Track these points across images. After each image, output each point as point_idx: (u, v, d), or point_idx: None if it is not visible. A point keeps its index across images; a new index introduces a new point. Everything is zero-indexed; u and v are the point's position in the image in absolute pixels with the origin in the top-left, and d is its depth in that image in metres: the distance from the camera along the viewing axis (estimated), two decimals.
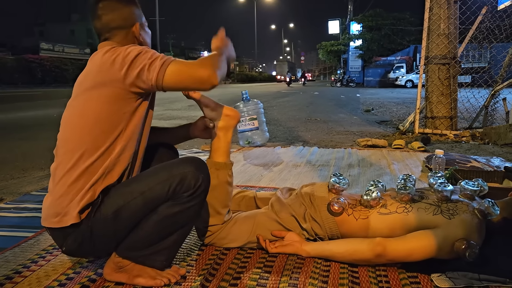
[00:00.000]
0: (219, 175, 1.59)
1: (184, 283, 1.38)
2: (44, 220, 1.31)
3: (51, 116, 7.52)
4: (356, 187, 2.65)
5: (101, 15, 1.38)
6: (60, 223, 1.26)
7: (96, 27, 1.40)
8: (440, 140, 4.70)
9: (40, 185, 2.74)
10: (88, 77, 1.31)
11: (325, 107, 10.40)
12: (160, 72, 1.24)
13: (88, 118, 1.27)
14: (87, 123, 1.27)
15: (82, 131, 1.28)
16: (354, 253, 1.45)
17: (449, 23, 4.95)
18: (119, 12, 1.39)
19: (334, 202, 1.55)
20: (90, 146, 1.26)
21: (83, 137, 1.27)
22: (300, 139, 4.94)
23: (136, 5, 1.45)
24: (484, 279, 1.35)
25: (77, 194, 1.25)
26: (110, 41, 1.39)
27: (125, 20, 1.40)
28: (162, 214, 1.30)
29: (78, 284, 1.37)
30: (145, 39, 1.48)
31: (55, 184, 1.29)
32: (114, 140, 1.29)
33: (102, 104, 1.26)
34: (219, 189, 1.59)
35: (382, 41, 32.10)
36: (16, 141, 4.85)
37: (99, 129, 1.27)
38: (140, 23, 1.44)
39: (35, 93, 16.08)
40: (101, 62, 1.28)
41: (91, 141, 1.27)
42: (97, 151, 1.27)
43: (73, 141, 1.28)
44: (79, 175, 1.26)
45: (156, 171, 1.32)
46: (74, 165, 1.26)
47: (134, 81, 1.25)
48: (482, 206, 1.40)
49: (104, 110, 1.27)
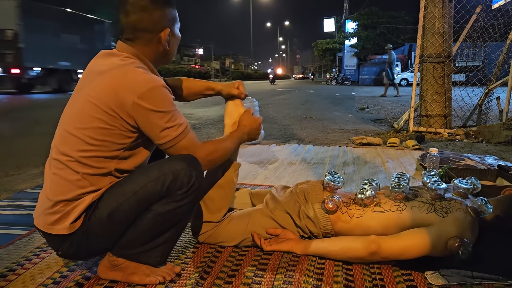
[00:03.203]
0: (227, 174, 1.62)
1: (179, 280, 1.38)
2: (37, 222, 1.31)
3: (46, 113, 7.48)
4: (351, 185, 2.66)
5: (129, 12, 1.30)
6: (51, 231, 1.26)
7: (121, 22, 1.33)
8: (434, 138, 4.73)
9: (34, 183, 2.73)
10: (99, 82, 1.27)
11: (320, 105, 10.41)
12: (170, 143, 1.29)
13: (86, 130, 1.25)
14: (87, 141, 1.25)
15: (78, 140, 1.25)
16: (348, 251, 1.46)
17: (444, 21, 4.97)
18: (149, 14, 1.31)
19: (329, 200, 1.55)
20: (85, 157, 1.25)
21: (78, 146, 1.25)
22: (295, 137, 4.95)
23: (171, 6, 1.36)
24: (477, 276, 1.36)
25: (71, 208, 1.25)
26: (131, 43, 1.34)
27: (154, 24, 1.33)
28: (155, 213, 1.29)
29: (73, 282, 1.36)
30: (172, 47, 1.42)
31: (46, 193, 1.28)
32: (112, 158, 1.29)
33: (100, 124, 1.24)
34: (225, 187, 1.61)
35: (377, 40, 32.11)
36: (11, 138, 4.82)
37: (100, 149, 1.26)
38: (170, 28, 1.37)
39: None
40: (116, 82, 1.24)
41: (90, 159, 1.25)
42: (94, 165, 1.26)
43: (68, 146, 1.26)
44: (72, 184, 1.25)
45: (148, 169, 1.30)
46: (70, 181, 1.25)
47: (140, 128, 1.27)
48: (475, 204, 1.41)
49: (105, 133, 1.25)
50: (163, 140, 1.28)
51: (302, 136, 5.08)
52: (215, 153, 1.41)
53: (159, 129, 1.26)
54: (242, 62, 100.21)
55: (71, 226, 1.25)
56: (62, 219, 1.25)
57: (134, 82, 1.24)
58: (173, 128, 1.28)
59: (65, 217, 1.25)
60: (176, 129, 1.29)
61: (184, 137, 1.31)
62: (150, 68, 1.37)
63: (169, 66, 35.94)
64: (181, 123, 1.30)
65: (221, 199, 1.62)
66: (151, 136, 1.29)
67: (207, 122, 6.48)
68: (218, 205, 1.61)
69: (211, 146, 1.41)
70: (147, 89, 1.23)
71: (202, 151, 1.36)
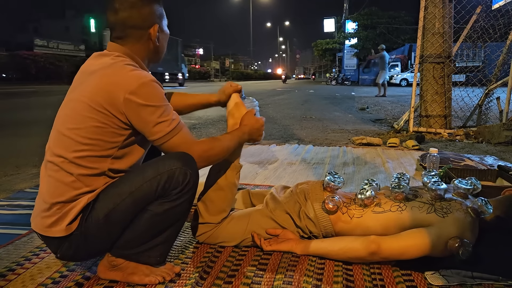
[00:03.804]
0: (228, 176, 1.60)
1: (179, 280, 1.38)
2: (34, 225, 1.30)
3: (45, 113, 7.47)
4: (351, 185, 2.65)
5: (118, 10, 1.31)
6: (49, 233, 1.26)
7: (110, 21, 1.33)
8: (434, 139, 4.73)
9: (33, 182, 2.72)
10: (90, 82, 1.27)
11: (320, 105, 10.40)
12: (163, 139, 1.28)
13: (79, 130, 1.25)
14: (77, 134, 1.25)
15: (71, 141, 1.25)
16: (348, 251, 1.46)
17: (444, 22, 4.97)
18: (138, 10, 1.32)
19: (329, 201, 1.55)
20: (79, 158, 1.25)
21: (72, 146, 1.25)
22: (295, 137, 4.95)
23: (159, 3, 1.38)
24: (477, 277, 1.36)
25: (67, 210, 1.25)
26: (122, 42, 1.35)
27: (144, 20, 1.34)
28: (152, 212, 1.29)
29: (72, 282, 1.36)
30: (162, 43, 1.43)
31: (44, 191, 1.28)
32: (106, 156, 1.28)
33: (93, 123, 1.24)
34: (226, 189, 1.60)
35: (377, 40, 32.08)
36: (10, 138, 4.82)
37: (89, 145, 1.25)
38: (159, 24, 1.38)
39: (29, 90, 15.94)
40: (107, 80, 1.25)
41: (80, 154, 1.25)
42: (87, 165, 1.25)
43: (62, 147, 1.26)
44: (67, 185, 1.25)
45: (143, 169, 1.29)
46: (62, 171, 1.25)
47: (133, 125, 1.26)
48: (476, 205, 1.41)
49: (99, 132, 1.25)
50: (156, 135, 1.27)
51: (302, 136, 5.08)
52: (211, 150, 1.39)
53: (151, 124, 1.25)
54: (242, 62, 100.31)
55: (67, 228, 1.24)
56: (58, 221, 1.25)
57: (124, 78, 1.24)
58: (166, 123, 1.27)
59: (62, 219, 1.25)
60: (169, 125, 1.28)
61: (177, 132, 1.30)
62: (141, 66, 1.38)
63: None
64: (174, 118, 1.30)
65: (221, 201, 1.61)
66: (144, 132, 1.28)
67: (207, 122, 6.48)
68: (219, 207, 1.60)
69: (207, 143, 1.39)
70: (138, 85, 1.23)
71: (197, 148, 1.34)
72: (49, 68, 24.39)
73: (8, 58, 22.97)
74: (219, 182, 1.60)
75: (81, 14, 53.86)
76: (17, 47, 29.52)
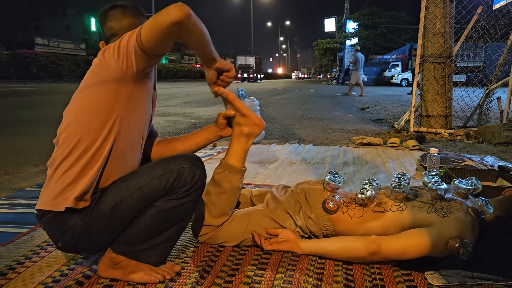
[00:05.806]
0: (232, 180, 1.59)
1: (179, 279, 1.38)
2: (39, 204, 1.29)
3: (45, 111, 7.48)
4: (351, 185, 2.66)
5: (122, 19, 1.45)
6: (54, 205, 1.24)
7: (114, 28, 1.45)
8: (434, 139, 4.73)
9: (34, 181, 2.73)
10: (87, 75, 1.33)
11: (320, 105, 10.40)
12: (137, 33, 1.22)
13: (85, 104, 1.29)
14: (84, 109, 1.28)
15: (79, 117, 1.28)
16: (348, 251, 1.46)
17: (444, 22, 4.97)
18: (121, 22, 1.45)
19: (329, 200, 1.55)
20: (86, 131, 1.26)
21: (79, 123, 1.27)
22: (296, 137, 4.95)
23: (143, 17, 1.50)
24: (478, 277, 1.36)
25: (74, 178, 1.25)
26: None
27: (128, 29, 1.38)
28: (158, 209, 1.30)
29: (73, 281, 1.36)
30: None
31: (53, 170, 1.28)
32: (112, 124, 1.28)
33: (98, 87, 1.27)
34: (229, 193, 1.59)
35: (378, 40, 32.15)
36: (11, 137, 4.82)
37: (95, 113, 1.27)
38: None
39: (30, 89, 15.95)
40: (98, 58, 1.31)
41: (87, 126, 1.26)
42: (93, 135, 1.26)
43: (70, 128, 1.28)
44: (75, 160, 1.25)
45: (153, 166, 1.33)
46: (71, 150, 1.26)
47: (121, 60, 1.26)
48: (476, 205, 1.41)
49: (100, 93, 1.27)
50: (133, 37, 1.23)
51: (302, 135, 5.08)
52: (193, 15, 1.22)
53: (128, 35, 1.25)
54: None
55: (75, 201, 1.24)
56: (68, 188, 1.24)
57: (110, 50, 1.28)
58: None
59: (70, 188, 1.24)
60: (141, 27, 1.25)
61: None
62: None
63: (170, 65, 36.02)
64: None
65: (223, 204, 1.60)
66: (131, 45, 1.24)
67: (207, 122, 6.48)
68: (221, 210, 1.60)
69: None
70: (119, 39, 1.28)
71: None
72: (49, 67, 24.37)
73: (9, 56, 22.93)
74: (223, 186, 1.58)
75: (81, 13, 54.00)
76: (18, 45, 29.55)
